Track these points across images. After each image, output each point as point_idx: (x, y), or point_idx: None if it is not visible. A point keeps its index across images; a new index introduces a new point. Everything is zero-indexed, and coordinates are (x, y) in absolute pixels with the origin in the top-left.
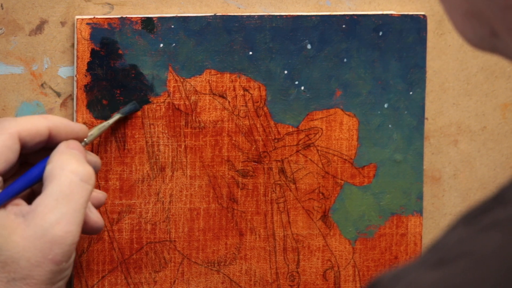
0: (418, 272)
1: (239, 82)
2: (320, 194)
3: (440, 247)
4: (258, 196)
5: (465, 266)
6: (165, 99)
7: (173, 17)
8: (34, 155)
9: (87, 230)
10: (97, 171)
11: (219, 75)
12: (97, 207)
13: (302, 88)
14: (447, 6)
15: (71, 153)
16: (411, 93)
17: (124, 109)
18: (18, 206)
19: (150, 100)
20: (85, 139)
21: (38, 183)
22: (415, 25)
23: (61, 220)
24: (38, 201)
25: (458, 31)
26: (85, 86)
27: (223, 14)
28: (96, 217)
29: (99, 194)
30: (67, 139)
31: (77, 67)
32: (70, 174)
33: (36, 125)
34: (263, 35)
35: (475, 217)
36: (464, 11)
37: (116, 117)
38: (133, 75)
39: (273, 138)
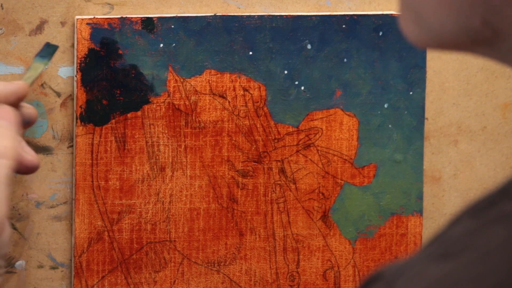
0: (422, 265)
1: (239, 82)
2: (320, 194)
3: (445, 240)
4: (258, 196)
5: (470, 260)
6: (165, 99)
7: (173, 17)
8: None
9: (23, 170)
10: (33, 121)
11: (219, 75)
12: (33, 122)
13: (302, 88)
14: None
15: None
16: (411, 93)
17: (41, 55)
18: None
19: (150, 100)
20: None
21: None
22: None
23: None
24: None
25: (430, 26)
26: (85, 86)
27: (223, 14)
28: (30, 157)
29: (29, 110)
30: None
31: (77, 67)
32: None
33: None
34: (263, 35)
35: (481, 210)
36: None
37: (39, 65)
38: (133, 75)
39: (273, 138)
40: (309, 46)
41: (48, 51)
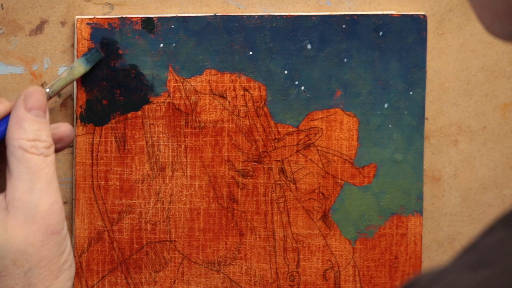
0: (456, 273)
1: (239, 82)
2: (320, 194)
3: (479, 249)
4: (258, 196)
5: (504, 269)
6: (165, 99)
7: (173, 17)
8: None
9: (61, 146)
10: (69, 142)
11: (219, 75)
12: (69, 141)
13: (302, 88)
14: (475, 3)
15: (27, 123)
16: (411, 93)
17: (86, 57)
18: None
19: (150, 100)
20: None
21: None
22: (415, 25)
23: (42, 196)
24: (12, 189)
25: (485, 27)
26: (85, 86)
27: (223, 14)
28: (65, 127)
29: (64, 127)
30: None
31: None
32: (31, 155)
33: None
34: (263, 35)
35: None
36: (496, 10)
37: (79, 68)
38: (133, 75)
39: (273, 138)
40: (309, 46)
41: (94, 57)
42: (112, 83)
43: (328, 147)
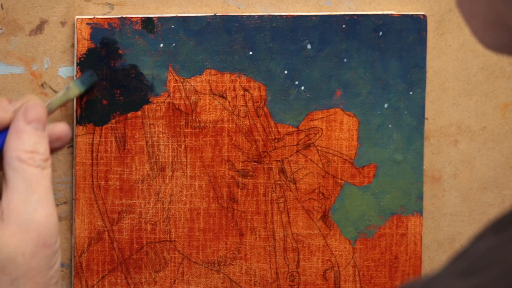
0: (447, 281)
1: (239, 82)
2: (320, 194)
3: (469, 256)
4: (258, 196)
5: (496, 275)
6: (165, 99)
7: (173, 17)
8: None
9: (59, 145)
10: (66, 141)
11: (219, 75)
12: (67, 140)
13: (302, 88)
14: (467, 14)
15: (26, 135)
16: (411, 93)
17: (82, 80)
18: None
19: (150, 100)
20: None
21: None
22: (415, 25)
23: (37, 207)
24: (8, 198)
25: (478, 38)
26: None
27: (223, 14)
28: (62, 126)
29: (60, 127)
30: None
31: (77, 67)
32: (28, 167)
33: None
34: (263, 35)
35: (505, 226)
36: (487, 20)
37: (74, 89)
38: (133, 75)
39: (273, 138)
40: (309, 46)
41: (89, 80)
42: (112, 83)
43: (328, 147)
